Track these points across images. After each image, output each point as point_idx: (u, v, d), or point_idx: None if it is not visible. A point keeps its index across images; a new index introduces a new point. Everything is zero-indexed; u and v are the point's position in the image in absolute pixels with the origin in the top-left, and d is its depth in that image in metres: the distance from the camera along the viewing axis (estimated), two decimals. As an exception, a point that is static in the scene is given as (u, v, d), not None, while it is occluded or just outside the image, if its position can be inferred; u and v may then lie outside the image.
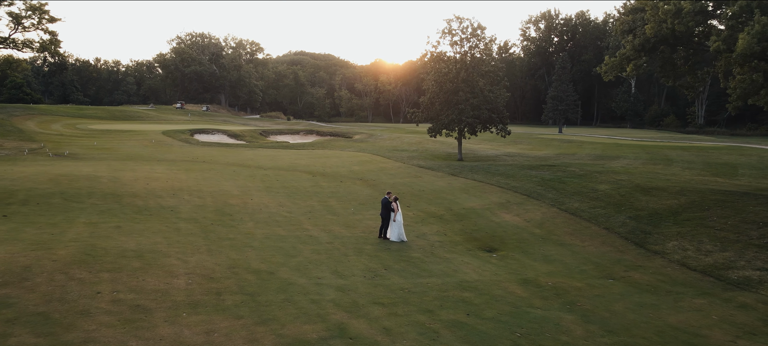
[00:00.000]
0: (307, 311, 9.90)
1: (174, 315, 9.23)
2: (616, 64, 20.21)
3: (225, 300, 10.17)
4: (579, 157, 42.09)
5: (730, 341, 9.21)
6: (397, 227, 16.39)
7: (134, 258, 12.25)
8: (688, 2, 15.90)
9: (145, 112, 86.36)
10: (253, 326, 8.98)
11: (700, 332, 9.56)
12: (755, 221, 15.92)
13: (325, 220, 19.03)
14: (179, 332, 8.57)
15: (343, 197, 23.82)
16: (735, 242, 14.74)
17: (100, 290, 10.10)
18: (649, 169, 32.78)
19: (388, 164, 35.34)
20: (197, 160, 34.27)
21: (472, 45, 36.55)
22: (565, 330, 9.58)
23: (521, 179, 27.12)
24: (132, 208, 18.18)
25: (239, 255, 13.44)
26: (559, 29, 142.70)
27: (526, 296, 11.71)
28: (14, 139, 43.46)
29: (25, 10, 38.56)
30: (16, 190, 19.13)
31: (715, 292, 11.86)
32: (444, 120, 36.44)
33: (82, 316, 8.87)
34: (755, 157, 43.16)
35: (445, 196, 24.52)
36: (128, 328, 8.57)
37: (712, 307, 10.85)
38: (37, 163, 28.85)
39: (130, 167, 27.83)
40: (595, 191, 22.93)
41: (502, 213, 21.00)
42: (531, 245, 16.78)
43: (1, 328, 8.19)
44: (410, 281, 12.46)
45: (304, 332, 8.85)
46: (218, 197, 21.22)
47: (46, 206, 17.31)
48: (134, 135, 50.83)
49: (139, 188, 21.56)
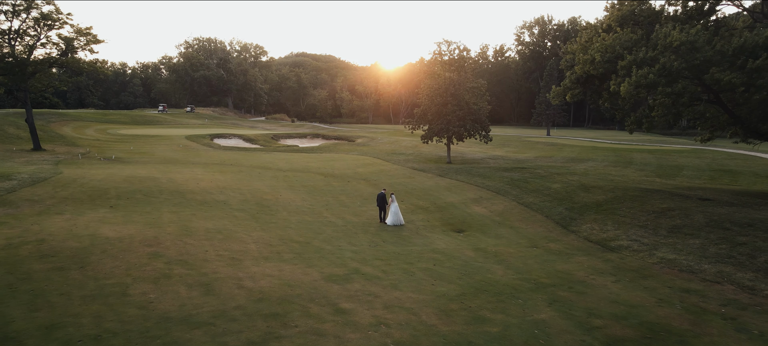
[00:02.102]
0: (334, 262, 16.18)
1: (256, 262, 15.50)
2: (560, 93, 26.37)
3: (283, 256, 16.46)
4: (553, 160, 48.31)
5: (586, 276, 15.46)
6: (392, 215, 22.68)
7: (216, 233, 18.52)
8: (598, 54, 22.09)
9: (161, 116, 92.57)
10: (304, 268, 15.26)
11: (572, 273, 15.81)
12: (649, 211, 22.15)
13: (339, 210, 25.32)
14: (262, 269, 14.85)
15: (351, 193, 30.10)
16: (627, 224, 20.99)
17: (207, 249, 16.38)
18: (606, 170, 39.03)
19: (387, 167, 41.61)
20: (225, 163, 40.55)
21: (458, 65, 42.81)
22: (491, 272, 15.85)
23: (494, 180, 33.38)
24: (194, 202, 24.43)
25: (283, 232, 19.73)
26: (553, 34, 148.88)
27: (475, 256, 17.99)
28: (61, 144, 49.77)
29: (73, 33, 44.73)
30: (107, 189, 25.37)
31: (596, 253, 18.11)
32: (434, 129, 42.75)
33: (204, 262, 15.14)
34: (708, 159, 49.23)
35: (431, 193, 30.79)
36: (233, 267, 14.83)
37: (587, 260, 17.10)
38: (98, 167, 35.06)
39: (176, 170, 34.09)
40: (548, 189, 29.20)
41: (474, 206, 27.29)
42: (489, 228, 23.05)
43: (165, 267, 14.44)
44: (400, 248, 18.74)
45: (335, 271, 15.12)
46: (255, 194, 27.50)
47: (135, 201, 23.55)
48: (161, 140, 57.12)
49: (193, 187, 27.81)
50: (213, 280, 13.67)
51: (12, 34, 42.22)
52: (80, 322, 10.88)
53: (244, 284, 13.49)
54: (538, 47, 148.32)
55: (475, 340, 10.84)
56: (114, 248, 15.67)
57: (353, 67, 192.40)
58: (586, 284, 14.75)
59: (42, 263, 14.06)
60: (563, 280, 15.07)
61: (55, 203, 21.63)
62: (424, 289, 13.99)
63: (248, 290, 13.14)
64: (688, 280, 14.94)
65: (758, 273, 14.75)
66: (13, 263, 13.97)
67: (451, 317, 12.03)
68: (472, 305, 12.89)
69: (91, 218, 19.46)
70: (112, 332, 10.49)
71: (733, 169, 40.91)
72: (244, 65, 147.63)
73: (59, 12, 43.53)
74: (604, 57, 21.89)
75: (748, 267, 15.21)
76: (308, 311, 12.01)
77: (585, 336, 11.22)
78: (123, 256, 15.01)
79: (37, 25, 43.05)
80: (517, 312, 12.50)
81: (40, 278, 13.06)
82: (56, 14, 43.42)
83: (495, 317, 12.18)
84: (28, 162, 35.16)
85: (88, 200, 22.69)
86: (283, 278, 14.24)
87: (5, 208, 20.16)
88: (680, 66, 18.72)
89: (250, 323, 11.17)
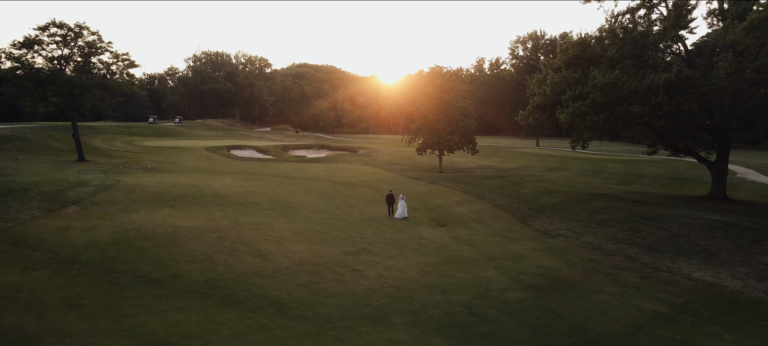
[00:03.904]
0: (348, 243, 22.55)
1: (292, 243, 21.88)
2: (525, 115, 32.80)
3: (311, 240, 22.84)
4: (534, 169, 54.66)
5: (526, 252, 21.79)
6: (400, 210, 29.25)
7: (258, 225, 24.88)
8: (549, 89, 28.53)
9: (178, 128, 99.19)
10: (327, 247, 21.63)
11: (517, 251, 22.13)
12: (589, 209, 28.50)
13: (348, 210, 31.70)
14: (298, 247, 21.22)
15: (356, 197, 36.49)
16: (569, 219, 27.35)
17: (256, 235, 22.76)
18: (575, 178, 45.41)
19: (386, 175, 48.02)
20: (247, 172, 46.99)
21: (449, 87, 49.40)
22: (460, 251, 22.20)
23: (477, 186, 39.78)
24: (234, 203, 30.79)
25: (308, 225, 26.10)
26: (545, 48, 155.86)
27: (451, 241, 24.34)
28: (97, 155, 56.23)
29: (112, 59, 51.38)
30: (162, 193, 31.74)
31: (540, 239, 24.45)
32: (428, 142, 49.26)
33: (257, 242, 21.50)
34: (671, 169, 55.32)
35: (423, 197, 37.17)
36: (277, 246, 21.20)
37: (531, 243, 23.44)
38: (143, 175, 41.43)
39: (210, 179, 40.51)
40: (519, 194, 35.58)
41: (457, 207, 33.67)
42: (466, 223, 29.41)
43: (231, 246, 20.79)
44: (396, 236, 25.11)
45: (349, 249, 21.48)
46: (279, 197, 33.90)
47: (187, 202, 29.90)
48: (185, 151, 63.64)
49: (228, 192, 34.18)
50: (266, 253, 20.08)
51: (62, 60, 48.86)
52: (191, 274, 17.29)
53: (288, 255, 19.90)
54: (532, 61, 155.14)
55: (440, 285, 17.23)
56: (191, 233, 22.06)
57: (354, 77, 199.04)
58: (524, 256, 21.14)
59: (147, 242, 20.46)
60: (509, 254, 21.46)
61: (130, 203, 28.03)
62: (411, 260, 20.38)
63: (291, 258, 19.55)
64: (594, 253, 21.34)
65: (642, 249, 21.13)
66: (129, 242, 20.37)
67: (427, 275, 18.41)
68: (443, 268, 19.28)
69: (162, 214, 25.84)
70: (214, 279, 16.90)
71: (686, 177, 47.19)
72: (250, 78, 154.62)
73: (101, 40, 50.28)
74: (553, 91, 28.36)
75: (637, 245, 21.59)
76: (333, 269, 18.41)
77: (512, 284, 17.59)
78: (200, 238, 21.41)
79: (83, 52, 49.74)
80: (472, 272, 18.89)
81: (151, 251, 19.46)
82: (99, 43, 50.15)
83: (456, 274, 18.57)
84: (82, 171, 41.56)
85: (152, 202, 29.08)
86: (313, 252, 20.65)
87: (98, 207, 26.58)
88: (603, 101, 25.13)
89: (297, 276, 17.58)
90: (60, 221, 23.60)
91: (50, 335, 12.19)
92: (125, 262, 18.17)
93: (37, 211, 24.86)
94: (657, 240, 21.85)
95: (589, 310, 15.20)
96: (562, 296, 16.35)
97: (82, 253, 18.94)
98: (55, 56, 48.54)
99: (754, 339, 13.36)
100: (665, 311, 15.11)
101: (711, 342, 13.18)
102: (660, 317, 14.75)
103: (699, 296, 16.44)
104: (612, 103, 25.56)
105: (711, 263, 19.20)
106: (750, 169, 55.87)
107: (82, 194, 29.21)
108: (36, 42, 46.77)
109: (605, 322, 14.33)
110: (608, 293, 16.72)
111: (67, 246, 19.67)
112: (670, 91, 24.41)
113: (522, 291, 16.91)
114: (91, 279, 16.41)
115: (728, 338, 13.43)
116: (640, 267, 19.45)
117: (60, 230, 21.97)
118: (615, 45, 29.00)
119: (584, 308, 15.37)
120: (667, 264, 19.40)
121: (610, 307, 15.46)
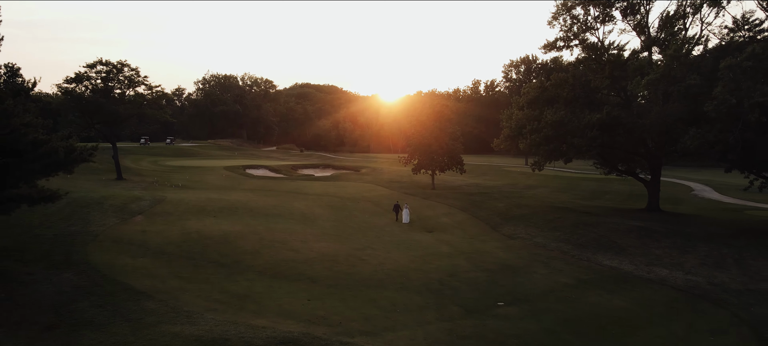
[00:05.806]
0: (356, 243, 29.88)
1: (315, 242, 29.21)
2: (499, 142, 40.34)
3: (328, 240, 30.18)
4: (515, 187, 62.07)
5: (490, 250, 29.07)
6: (405, 216, 36.76)
7: (286, 230, 32.17)
8: (514, 123, 36.15)
9: (194, 149, 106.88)
10: (340, 245, 28.97)
11: (483, 248, 29.42)
12: (547, 219, 35.81)
13: (355, 219, 39.06)
14: (319, 245, 28.57)
15: (361, 210, 43.87)
16: (530, 226, 34.63)
17: (286, 237, 30.06)
18: (547, 195, 52.79)
19: (386, 192, 55.39)
20: (265, 189, 54.40)
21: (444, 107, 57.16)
22: (440, 249, 29.52)
23: (462, 201, 47.16)
24: (262, 214, 38.07)
25: (324, 231, 33.42)
26: (537, 72, 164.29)
27: (435, 242, 31.63)
28: (130, 174, 63.68)
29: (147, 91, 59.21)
30: (203, 206, 39.06)
31: (503, 241, 31.74)
32: (422, 163, 56.83)
33: (288, 242, 28.80)
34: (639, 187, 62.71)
35: (417, 209, 44.47)
36: (304, 244, 28.55)
37: (496, 243, 30.73)
38: (176, 192, 48.75)
39: (237, 194, 47.87)
40: (495, 207, 42.94)
41: (442, 218, 41.04)
42: (449, 230, 36.71)
43: (270, 244, 28.10)
44: (392, 238, 32.41)
45: (357, 246, 28.82)
46: (298, 210, 41.26)
47: (225, 213, 37.17)
48: (206, 170, 71.17)
49: (255, 206, 41.47)
50: (297, 248, 27.42)
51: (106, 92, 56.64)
52: (247, 261, 24.62)
53: (313, 250, 27.25)
54: (524, 83, 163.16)
55: (423, 268, 24.55)
56: (238, 235, 29.38)
57: (355, 97, 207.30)
58: (487, 252, 28.45)
59: (209, 241, 27.78)
60: (476, 251, 28.78)
61: (182, 213, 35.38)
62: (403, 254, 27.71)
63: (316, 252, 26.89)
64: (538, 249, 28.67)
65: (574, 246, 28.47)
66: (194, 241, 27.70)
67: (413, 262, 25.74)
68: (426, 259, 26.61)
69: (209, 222, 33.17)
70: (263, 264, 24.26)
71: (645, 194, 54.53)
72: (257, 100, 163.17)
73: (138, 74, 58.16)
74: (517, 125, 36.00)
75: (571, 243, 28.93)
76: (346, 259, 25.75)
77: (473, 268, 24.89)
78: (245, 239, 28.74)
79: (123, 85, 57.57)
80: (447, 261, 26.21)
81: (213, 246, 26.78)
82: (136, 77, 58.03)
83: (435, 262, 25.90)
84: (128, 188, 48.95)
85: (198, 212, 36.42)
86: (330, 248, 27.99)
87: (158, 216, 33.95)
88: (553, 134, 32.67)
89: (321, 262, 24.95)
90: (136, 226, 30.93)
91: (172, 289, 19.47)
92: (197, 253, 25.48)
93: (115, 219, 32.19)
94: (587, 239, 29.21)
95: (521, 282, 22.51)
96: (506, 275, 23.66)
97: (164, 248, 26.25)
98: (99, 89, 56.33)
99: (623, 296, 20.64)
100: (572, 283, 22.43)
101: (593, 298, 20.46)
102: (567, 286, 22.05)
103: (601, 275, 23.76)
104: (559, 136, 33.09)
105: (620, 254, 26.54)
106: (707, 187, 63.34)
107: (142, 206, 36.58)
108: (85, 77, 54.61)
109: (529, 288, 21.63)
110: (538, 273, 24.04)
111: (151, 244, 26.97)
112: (602, 128, 31.99)
113: (480, 273, 24.20)
114: (180, 263, 23.72)
115: (606, 296, 20.71)
116: (569, 258, 26.76)
117: (139, 232, 29.29)
118: (568, 86, 36.68)
119: (518, 281, 22.69)
120: (588, 256, 26.74)
121: (537, 280, 22.77)
